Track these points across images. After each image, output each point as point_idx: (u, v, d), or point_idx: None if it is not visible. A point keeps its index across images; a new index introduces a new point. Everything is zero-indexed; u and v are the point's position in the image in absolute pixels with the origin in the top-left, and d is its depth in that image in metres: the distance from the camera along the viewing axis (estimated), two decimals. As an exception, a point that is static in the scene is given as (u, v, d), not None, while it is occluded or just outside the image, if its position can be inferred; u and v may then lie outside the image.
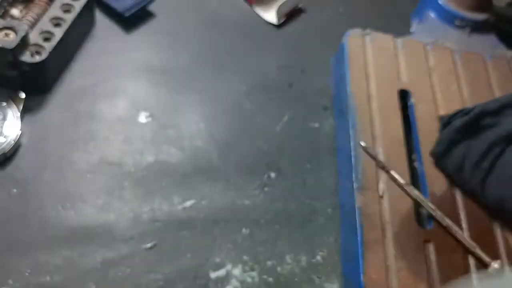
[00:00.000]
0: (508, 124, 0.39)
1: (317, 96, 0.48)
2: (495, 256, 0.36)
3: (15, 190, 0.36)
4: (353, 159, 0.39)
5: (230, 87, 0.46)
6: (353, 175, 0.38)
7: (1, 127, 0.37)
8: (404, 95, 0.45)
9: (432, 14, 0.54)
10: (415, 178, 0.42)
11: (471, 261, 0.36)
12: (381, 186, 0.38)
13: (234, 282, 0.35)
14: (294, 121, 0.45)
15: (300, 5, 0.54)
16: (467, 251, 0.36)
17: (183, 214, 0.37)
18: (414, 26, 0.55)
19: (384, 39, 0.48)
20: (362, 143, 0.39)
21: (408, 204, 0.38)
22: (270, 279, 0.36)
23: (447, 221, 0.37)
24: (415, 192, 0.38)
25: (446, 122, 0.42)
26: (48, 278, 0.33)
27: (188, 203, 0.38)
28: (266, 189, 0.40)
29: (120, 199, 0.37)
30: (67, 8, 0.42)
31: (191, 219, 0.37)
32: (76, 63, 0.44)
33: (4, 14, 0.41)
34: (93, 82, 0.43)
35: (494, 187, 0.38)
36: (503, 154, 0.38)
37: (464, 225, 0.38)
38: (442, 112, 0.44)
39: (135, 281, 0.34)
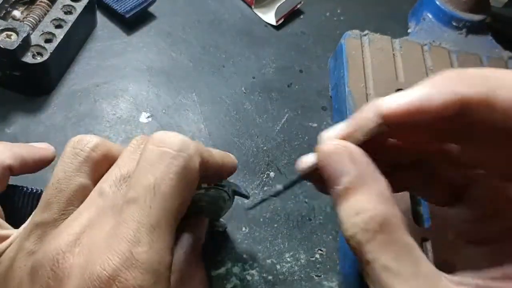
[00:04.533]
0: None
1: (315, 96, 0.48)
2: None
3: (17, 190, 0.36)
4: (351, 158, 0.39)
5: (229, 88, 0.47)
6: (352, 174, 0.38)
7: None
8: (401, 95, 0.45)
9: (429, 15, 0.54)
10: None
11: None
12: (379, 185, 0.38)
13: (234, 280, 0.35)
14: (293, 121, 0.46)
15: (298, 7, 0.55)
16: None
17: (184, 213, 0.38)
18: (412, 27, 0.55)
19: (382, 40, 0.49)
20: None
21: (405, 203, 0.38)
22: (270, 277, 0.36)
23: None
24: None
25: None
26: None
27: (189, 202, 0.38)
28: (265, 188, 0.41)
29: (121, 198, 0.37)
30: (68, 10, 0.42)
31: (191, 218, 0.38)
32: (77, 64, 0.44)
33: (6, 16, 0.42)
34: (94, 83, 0.43)
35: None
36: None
37: (461, 223, 0.38)
38: (439, 112, 0.44)
39: (136, 279, 0.34)
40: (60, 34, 0.40)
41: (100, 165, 0.25)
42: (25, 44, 0.38)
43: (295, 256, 0.37)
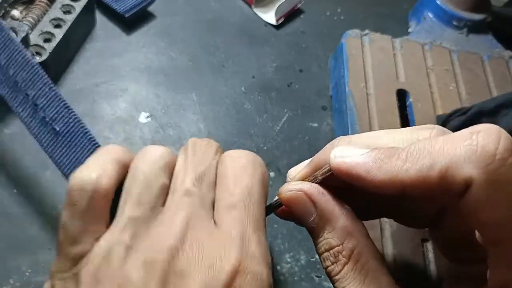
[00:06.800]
0: (504, 123, 0.39)
1: (315, 96, 0.48)
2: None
3: (15, 190, 0.36)
4: (351, 158, 0.39)
5: (229, 87, 0.46)
6: (352, 175, 0.38)
7: None
8: (402, 95, 0.45)
9: (430, 15, 0.54)
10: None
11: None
12: (380, 185, 0.38)
13: (233, 281, 0.35)
14: (293, 120, 0.46)
15: (298, 6, 0.55)
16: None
17: (183, 214, 0.38)
18: (412, 27, 0.55)
19: (382, 40, 0.48)
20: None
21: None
22: (270, 278, 0.36)
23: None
24: None
25: (443, 121, 0.42)
26: (48, 277, 0.33)
27: (188, 203, 0.38)
28: (265, 188, 0.40)
29: (120, 198, 0.37)
30: (67, 9, 0.42)
31: (191, 218, 0.37)
32: (76, 63, 0.44)
33: (5, 15, 0.41)
34: (93, 82, 0.43)
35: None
36: (500, 154, 0.39)
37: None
38: (440, 111, 0.44)
39: (136, 280, 0.34)
40: (59, 33, 0.40)
41: (172, 169, 0.27)
42: (24, 43, 0.38)
43: (295, 256, 0.37)
